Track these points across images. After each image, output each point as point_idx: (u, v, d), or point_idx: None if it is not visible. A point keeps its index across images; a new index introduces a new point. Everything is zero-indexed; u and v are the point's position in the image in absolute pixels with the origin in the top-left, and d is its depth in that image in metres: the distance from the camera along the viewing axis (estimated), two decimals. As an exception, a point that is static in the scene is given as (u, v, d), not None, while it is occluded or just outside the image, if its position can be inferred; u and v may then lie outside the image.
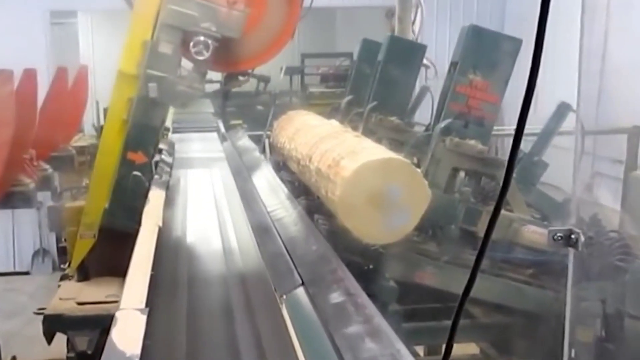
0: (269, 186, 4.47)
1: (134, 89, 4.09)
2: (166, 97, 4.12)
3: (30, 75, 5.66)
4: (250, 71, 4.78)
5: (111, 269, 4.12)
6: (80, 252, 4.27)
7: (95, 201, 4.24)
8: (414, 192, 3.02)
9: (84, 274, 4.28)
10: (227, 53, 4.32)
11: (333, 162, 3.27)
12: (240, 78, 4.81)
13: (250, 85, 5.08)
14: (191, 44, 4.05)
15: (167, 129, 5.75)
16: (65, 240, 4.55)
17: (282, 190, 4.26)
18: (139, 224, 3.26)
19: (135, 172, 4.10)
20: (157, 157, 4.73)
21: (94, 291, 4.02)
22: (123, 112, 4.13)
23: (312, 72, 11.84)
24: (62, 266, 4.66)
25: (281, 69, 10.53)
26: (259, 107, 8.38)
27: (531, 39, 1.27)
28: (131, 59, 4.12)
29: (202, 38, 4.05)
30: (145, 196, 3.89)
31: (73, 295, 3.98)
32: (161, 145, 5.07)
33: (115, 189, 4.16)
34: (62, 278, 4.42)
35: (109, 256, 4.13)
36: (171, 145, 5.87)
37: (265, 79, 5.03)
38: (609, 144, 7.13)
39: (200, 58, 4.07)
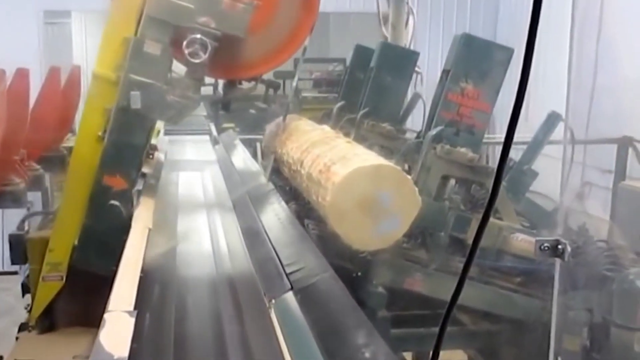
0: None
1: (111, 97, 3.43)
2: (152, 109, 3.42)
3: (22, 75, 5.61)
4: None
5: (81, 319, 3.50)
6: (43, 297, 3.56)
7: (63, 236, 3.55)
8: (404, 198, 3.04)
9: (48, 323, 3.61)
10: (229, 56, 3.67)
11: (324, 168, 3.28)
12: (244, 85, 4.08)
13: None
14: (185, 43, 3.40)
15: (153, 148, 4.78)
16: (27, 278, 3.79)
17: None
18: (117, 264, 2.65)
19: (113, 202, 3.44)
20: (139, 185, 3.91)
21: (59, 349, 3.36)
22: (98, 127, 3.47)
23: (305, 77, 11.86)
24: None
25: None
26: (252, 111, 8.40)
27: (523, 47, 1.29)
28: (109, 60, 3.47)
29: (198, 36, 3.41)
30: (125, 231, 3.14)
31: (31, 355, 3.32)
32: (145, 169, 4.17)
33: (88, 221, 3.49)
34: (21, 328, 3.69)
35: (78, 303, 3.52)
36: (158, 168, 4.93)
37: (275, 85, 4.22)
38: (599, 154, 7.17)
39: (196, 61, 3.42)
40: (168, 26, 3.43)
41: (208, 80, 3.98)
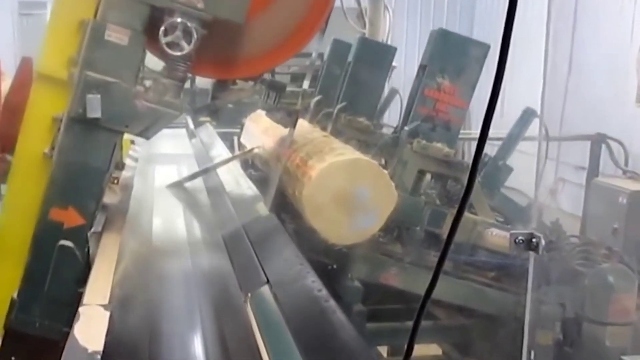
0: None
1: (61, 103, 2.63)
2: (117, 118, 2.60)
3: (-7, 66, 5.52)
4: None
5: None
6: None
7: None
8: (380, 193, 3.05)
9: None
10: (221, 47, 2.88)
11: (301, 162, 3.28)
12: (239, 86, 3.21)
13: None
14: (162, 29, 2.61)
15: (120, 167, 3.77)
16: None
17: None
18: (70, 325, 2.04)
19: (64, 242, 2.59)
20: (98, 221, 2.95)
21: None
22: (43, 142, 2.66)
23: (283, 71, 11.82)
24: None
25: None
26: (229, 105, 8.34)
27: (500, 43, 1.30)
28: (58, 52, 2.69)
29: (180, 20, 2.61)
30: (80, 282, 2.52)
31: None
32: (107, 200, 3.13)
33: (30, 269, 2.62)
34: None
35: None
36: (125, 197, 3.69)
37: (279, 87, 3.24)
38: (573, 151, 7.24)
39: (177, 54, 2.64)
40: (139, 6, 2.61)
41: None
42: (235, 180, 4.34)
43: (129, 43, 2.60)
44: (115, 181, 3.49)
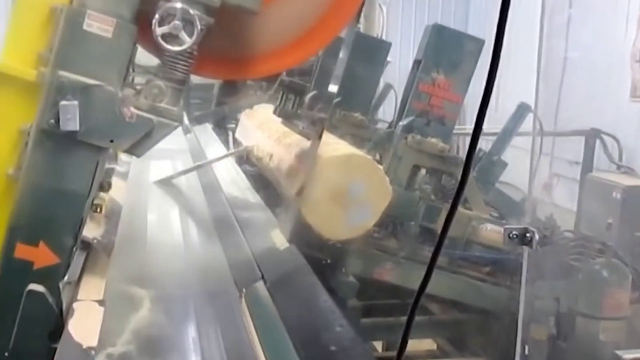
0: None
1: (29, 111, 2.12)
2: (99, 129, 2.11)
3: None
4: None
5: None
6: None
7: None
8: (375, 188, 3.04)
9: None
10: (230, 41, 2.35)
11: (295, 157, 3.27)
12: (251, 89, 2.85)
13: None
14: (156, 17, 2.08)
15: (105, 188, 2.87)
16: None
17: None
18: None
19: (34, 286, 2.11)
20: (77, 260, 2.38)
21: None
22: (7, 160, 2.15)
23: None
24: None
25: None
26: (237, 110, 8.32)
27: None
28: (24, 47, 2.16)
29: (179, 6, 2.09)
30: (54, 335, 2.09)
31: None
32: (87, 233, 2.54)
33: None
34: None
35: None
36: (111, 227, 3.00)
37: (299, 90, 2.83)
38: (567, 146, 7.24)
39: (176, 48, 2.12)
40: None
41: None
42: (242, 194, 4.01)
43: (114, 35, 2.09)
44: (99, 209, 2.83)
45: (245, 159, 5.11)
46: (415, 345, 4.71)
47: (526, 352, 3.56)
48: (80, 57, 2.10)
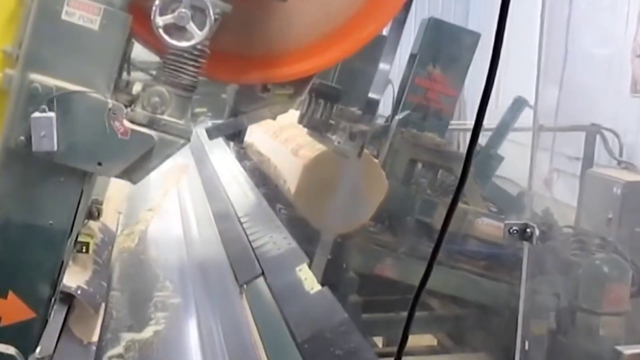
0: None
1: None
2: (84, 149, 1.62)
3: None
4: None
5: None
6: None
7: None
8: (371, 182, 3.04)
9: None
10: (251, 37, 1.89)
11: (292, 152, 3.27)
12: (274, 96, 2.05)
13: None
14: (156, 3, 1.59)
15: (94, 216, 2.13)
16: None
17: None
18: None
19: (2, 349, 1.64)
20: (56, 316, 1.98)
21: None
22: None
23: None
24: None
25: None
26: (224, 96, 8.25)
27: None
28: None
29: None
30: None
31: None
32: (70, 282, 2.15)
33: None
34: None
35: None
36: (100, 271, 2.51)
37: (333, 95, 2.43)
38: (567, 141, 7.24)
39: (183, 44, 1.62)
40: None
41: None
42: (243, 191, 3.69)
43: (101, 26, 1.60)
44: (84, 248, 2.29)
45: (243, 154, 5.10)
46: (415, 340, 4.71)
47: (526, 347, 3.56)
48: (57, 55, 1.61)
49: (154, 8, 1.60)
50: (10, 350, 1.64)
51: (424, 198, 4.12)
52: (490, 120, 4.77)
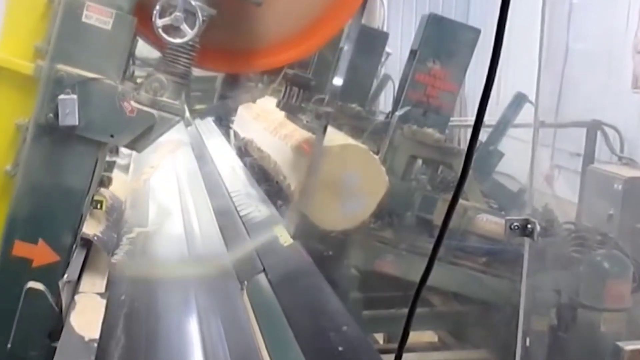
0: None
1: (26, 105, 2.07)
2: (99, 124, 2.05)
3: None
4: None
5: None
6: None
7: None
8: (371, 178, 3.03)
9: None
10: (233, 34, 2.31)
11: (292, 148, 3.26)
12: (252, 82, 2.68)
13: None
14: (157, 8, 2.05)
15: (106, 184, 2.89)
16: None
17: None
18: None
19: (33, 284, 2.05)
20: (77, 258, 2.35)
21: None
22: (4, 156, 2.10)
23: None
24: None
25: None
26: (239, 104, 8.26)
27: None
28: (20, 40, 2.10)
29: None
30: (54, 335, 2.05)
31: None
32: (88, 230, 2.52)
33: None
34: None
35: None
36: (112, 224, 3.00)
37: (304, 83, 2.78)
38: (568, 137, 7.23)
39: (177, 41, 2.08)
40: None
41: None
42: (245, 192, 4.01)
43: (113, 27, 2.05)
44: (99, 205, 2.85)
45: (243, 150, 5.11)
46: (416, 337, 4.72)
47: (527, 343, 3.56)
48: (79, 49, 2.05)
49: (154, 12, 2.06)
50: (39, 286, 2.06)
51: (425, 194, 4.12)
52: (491, 116, 4.77)
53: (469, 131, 1.32)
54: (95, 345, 1.89)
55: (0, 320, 2.07)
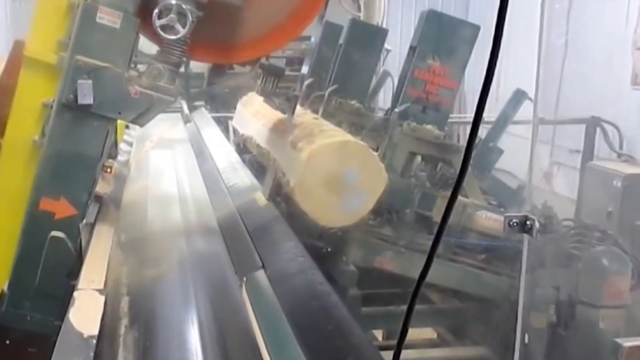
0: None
1: (51, 88, 2.58)
2: (109, 104, 2.55)
3: (-14, 50, 5.42)
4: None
5: None
6: None
7: None
8: (370, 175, 3.03)
9: None
10: (217, 31, 2.81)
11: (290, 145, 3.26)
12: (235, 71, 3.35)
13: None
14: (155, 12, 2.55)
15: (112, 157, 3.73)
16: None
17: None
18: (62, 317, 2.04)
19: (55, 233, 2.53)
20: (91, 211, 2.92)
21: None
22: (33, 129, 2.61)
23: (278, 54, 11.79)
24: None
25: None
26: (225, 90, 8.31)
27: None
28: (47, 35, 2.63)
29: (174, 1, 2.54)
30: (72, 274, 2.48)
31: None
32: (100, 190, 3.18)
33: (20, 260, 2.56)
34: None
35: None
36: (118, 187, 3.81)
37: (277, 72, 3.16)
38: (567, 134, 7.23)
39: (172, 37, 2.58)
40: None
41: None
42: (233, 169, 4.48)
43: (121, 26, 2.54)
44: (109, 170, 3.50)
45: (242, 146, 5.11)
46: (415, 334, 4.71)
47: (526, 340, 3.56)
48: (93, 44, 2.54)
49: (154, 14, 2.56)
50: (60, 235, 2.54)
51: (424, 191, 4.12)
52: (491, 113, 4.76)
53: (469, 128, 1.31)
54: (94, 342, 1.89)
55: (29, 263, 2.55)
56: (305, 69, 3.66)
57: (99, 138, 2.63)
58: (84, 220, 2.66)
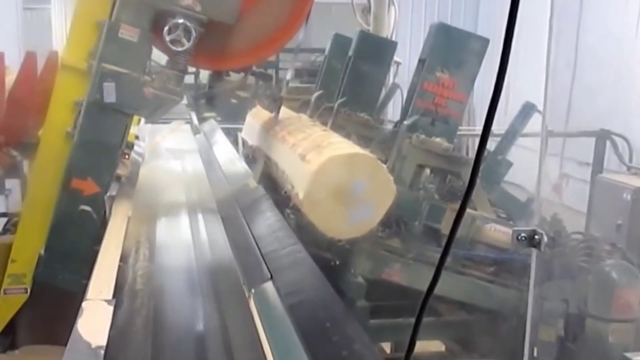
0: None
1: (82, 89, 3.20)
2: (128, 102, 3.17)
3: (-2, 59, 5.48)
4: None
5: (46, 337, 3.15)
6: (4, 313, 3.21)
7: (27, 245, 3.24)
8: (379, 187, 3.02)
9: (9, 341, 3.25)
10: (216, 44, 3.34)
11: (299, 156, 3.26)
12: (232, 77, 3.75)
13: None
14: (166, 29, 3.12)
15: (129, 147, 4.46)
16: None
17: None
18: (87, 277, 2.45)
19: (83, 207, 3.20)
20: (112, 189, 3.60)
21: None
22: (66, 122, 3.25)
23: (285, 66, 11.83)
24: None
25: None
26: (233, 101, 8.30)
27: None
28: (79, 47, 3.22)
29: (181, 21, 3.11)
30: (97, 240, 2.98)
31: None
32: (119, 171, 3.86)
33: (55, 229, 3.21)
34: (-18, 343, 3.18)
35: (43, 320, 3.19)
36: (134, 170, 4.61)
37: (266, 78, 3.84)
38: (577, 147, 7.21)
39: (179, 49, 3.15)
40: (147, 9, 3.12)
41: (189, 68, 3.54)
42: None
43: (138, 40, 3.14)
44: (127, 156, 4.34)
45: (250, 157, 5.13)
46: (423, 346, 4.70)
47: (535, 353, 3.54)
48: (116, 54, 3.13)
49: (164, 31, 3.11)
50: (87, 208, 3.16)
51: (432, 203, 4.11)
52: (500, 126, 4.75)
53: (477, 140, 1.31)
54: (102, 352, 1.89)
55: (62, 231, 3.17)
56: (290, 74, 4.04)
57: (119, 130, 3.29)
58: (107, 194, 3.29)
